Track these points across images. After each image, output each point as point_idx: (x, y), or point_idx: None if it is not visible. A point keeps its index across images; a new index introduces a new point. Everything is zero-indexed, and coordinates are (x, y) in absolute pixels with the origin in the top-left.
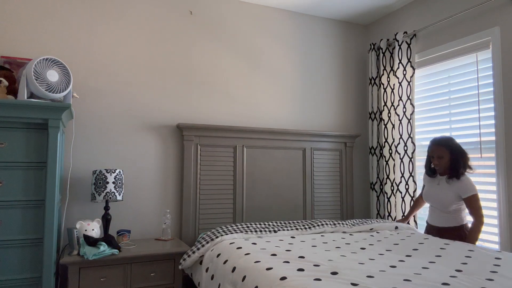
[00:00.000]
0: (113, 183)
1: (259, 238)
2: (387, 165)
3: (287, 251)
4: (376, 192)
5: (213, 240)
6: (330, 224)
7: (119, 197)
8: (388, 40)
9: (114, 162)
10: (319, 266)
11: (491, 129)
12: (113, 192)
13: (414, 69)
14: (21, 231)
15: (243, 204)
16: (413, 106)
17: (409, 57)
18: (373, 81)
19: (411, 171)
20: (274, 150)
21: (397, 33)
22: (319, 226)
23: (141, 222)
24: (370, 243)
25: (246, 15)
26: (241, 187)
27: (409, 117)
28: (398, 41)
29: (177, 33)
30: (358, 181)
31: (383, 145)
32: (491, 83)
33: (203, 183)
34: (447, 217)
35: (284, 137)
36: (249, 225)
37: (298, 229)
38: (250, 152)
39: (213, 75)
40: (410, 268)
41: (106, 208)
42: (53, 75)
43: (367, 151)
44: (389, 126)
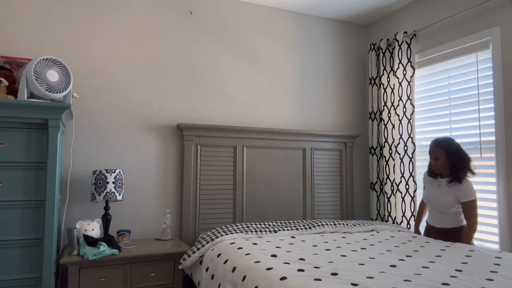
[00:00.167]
0: (113, 183)
1: (259, 238)
2: (387, 165)
3: (287, 252)
4: (376, 192)
5: (213, 240)
6: (331, 224)
7: (119, 197)
8: (388, 40)
9: (114, 162)
10: (319, 267)
11: (491, 129)
12: (113, 192)
13: (414, 69)
14: (21, 231)
15: (243, 204)
16: (413, 106)
17: (409, 57)
18: (373, 81)
19: (411, 171)
20: (274, 150)
21: (397, 33)
22: (319, 226)
23: (141, 222)
24: (371, 243)
25: (246, 15)
26: (241, 187)
27: (409, 117)
28: (398, 41)
29: (177, 33)
30: (358, 181)
31: (383, 145)
32: (491, 83)
33: (203, 183)
34: (447, 219)
35: (284, 137)
36: (249, 225)
37: (298, 229)
38: (250, 152)
39: (213, 75)
40: (410, 268)
41: (106, 208)
42: (53, 75)
43: (367, 151)
44: (389, 126)
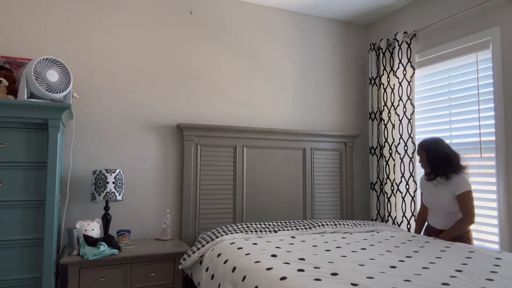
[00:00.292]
0: (113, 183)
1: (259, 238)
2: (387, 165)
3: (287, 252)
4: (376, 192)
5: (213, 240)
6: (331, 224)
7: (119, 197)
8: (388, 40)
9: (114, 162)
10: (319, 268)
11: (491, 129)
12: (113, 192)
13: (414, 69)
14: (21, 231)
15: (243, 204)
16: (413, 106)
17: (409, 57)
18: (373, 81)
19: (411, 171)
20: (274, 150)
21: (397, 33)
22: (319, 226)
23: (141, 222)
24: (371, 243)
25: (246, 15)
26: (241, 187)
27: (409, 117)
28: (398, 41)
29: (177, 33)
30: (358, 181)
31: (383, 145)
32: (491, 83)
33: (203, 183)
34: (448, 219)
35: (284, 137)
36: (249, 225)
37: (298, 229)
38: (250, 152)
39: (213, 75)
40: (410, 268)
41: (106, 208)
42: (53, 75)
43: (367, 151)
44: (389, 126)
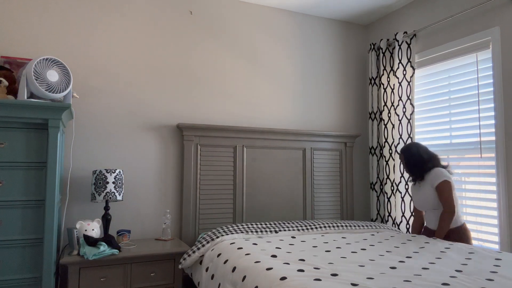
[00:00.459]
0: (113, 183)
1: (259, 238)
2: (387, 165)
3: (287, 253)
4: (376, 192)
5: (213, 240)
6: (331, 225)
7: (119, 197)
8: (388, 40)
9: (114, 162)
10: (319, 268)
11: (491, 129)
12: (113, 192)
13: (414, 69)
14: (21, 231)
15: (243, 204)
16: (413, 106)
17: (409, 57)
18: (373, 81)
19: None
20: (274, 150)
21: (397, 33)
22: (319, 227)
23: (141, 222)
24: (371, 243)
25: (246, 15)
26: (241, 187)
27: (409, 117)
28: (398, 41)
29: (177, 33)
30: (358, 181)
31: (383, 145)
32: (491, 83)
33: (203, 183)
34: (436, 217)
35: (284, 137)
36: (249, 225)
37: (299, 229)
38: (250, 152)
39: (213, 75)
40: (410, 269)
41: (106, 208)
42: (53, 75)
43: (367, 151)
44: (389, 126)
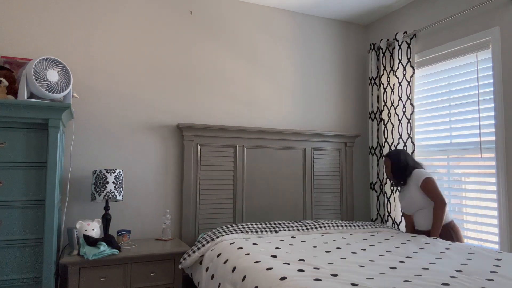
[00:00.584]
0: (113, 183)
1: (259, 238)
2: None
3: (287, 253)
4: (376, 192)
5: (213, 240)
6: (331, 225)
7: (119, 197)
8: (388, 40)
9: (114, 162)
10: (319, 268)
11: (491, 129)
12: (113, 192)
13: (414, 69)
14: (21, 231)
15: (243, 204)
16: (413, 106)
17: (409, 57)
18: (373, 81)
19: None
20: (274, 150)
21: (397, 33)
22: (319, 227)
23: (141, 222)
24: (371, 244)
25: (246, 15)
26: (241, 187)
27: (409, 117)
28: (398, 41)
29: (177, 33)
30: (358, 181)
31: (383, 145)
32: (491, 83)
33: (203, 183)
34: (424, 217)
35: (284, 137)
36: (249, 225)
37: (299, 229)
38: (250, 152)
39: (213, 75)
40: (410, 269)
41: (106, 208)
42: (53, 75)
43: (367, 151)
44: (389, 126)
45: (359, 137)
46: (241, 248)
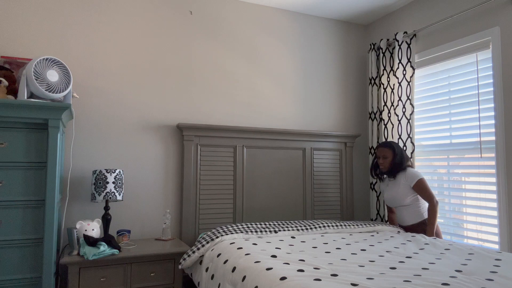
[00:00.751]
0: (113, 183)
1: (259, 238)
2: None
3: (287, 253)
4: (376, 192)
5: (213, 240)
6: (331, 225)
7: (119, 197)
8: (388, 40)
9: (114, 162)
10: (319, 268)
11: (491, 129)
12: (113, 192)
13: (414, 69)
14: (21, 231)
15: (243, 204)
16: (413, 106)
17: (409, 57)
18: (373, 81)
19: None
20: (274, 150)
21: (397, 33)
22: (320, 227)
23: (141, 222)
24: (371, 244)
25: (246, 15)
26: (241, 187)
27: (408, 117)
28: (398, 41)
29: (177, 33)
30: (358, 181)
31: None
32: (491, 83)
33: (203, 183)
34: (410, 213)
35: (284, 137)
36: (249, 225)
37: (299, 229)
38: (250, 152)
39: (213, 75)
40: (410, 269)
41: (106, 208)
42: (53, 75)
43: (367, 151)
44: (389, 126)
45: (359, 137)
46: (241, 248)
